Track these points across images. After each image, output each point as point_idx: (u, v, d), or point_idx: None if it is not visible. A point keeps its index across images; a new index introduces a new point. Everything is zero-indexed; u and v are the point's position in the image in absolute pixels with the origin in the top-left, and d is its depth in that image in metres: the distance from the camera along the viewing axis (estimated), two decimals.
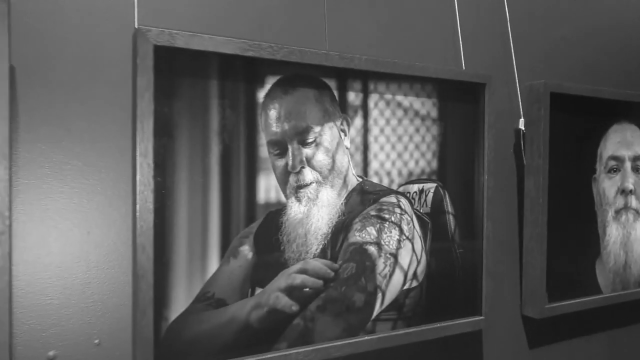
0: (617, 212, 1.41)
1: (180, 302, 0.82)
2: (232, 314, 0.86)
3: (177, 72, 0.81)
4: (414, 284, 1.05)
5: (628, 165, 1.43)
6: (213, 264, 0.85)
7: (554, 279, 1.28)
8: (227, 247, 0.86)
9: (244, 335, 0.87)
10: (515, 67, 1.30)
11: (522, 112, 1.29)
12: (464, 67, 1.20)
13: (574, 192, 1.33)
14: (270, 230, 0.90)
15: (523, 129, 1.28)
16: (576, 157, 1.33)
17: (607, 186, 1.39)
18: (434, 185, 1.09)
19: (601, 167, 1.39)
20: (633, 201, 1.43)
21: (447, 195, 1.10)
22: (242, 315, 0.87)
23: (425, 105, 1.07)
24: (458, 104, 1.12)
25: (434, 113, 1.09)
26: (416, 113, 1.06)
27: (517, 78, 1.30)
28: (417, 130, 1.06)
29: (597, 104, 1.36)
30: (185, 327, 0.82)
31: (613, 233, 1.40)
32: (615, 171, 1.40)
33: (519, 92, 1.30)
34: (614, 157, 1.41)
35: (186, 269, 0.82)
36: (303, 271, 0.92)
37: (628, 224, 1.43)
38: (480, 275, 1.13)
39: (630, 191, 1.42)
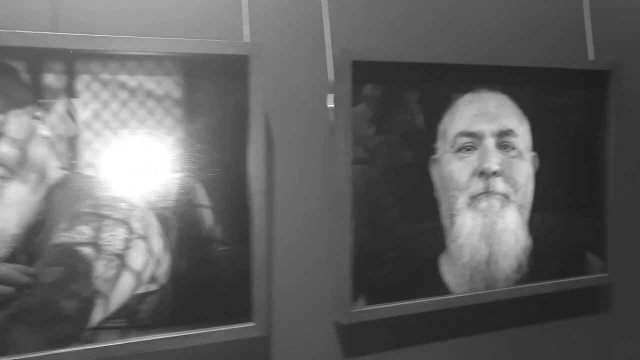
0: (473, 198, 1.19)
1: None
2: None
3: None
4: (153, 287, 0.93)
5: (490, 142, 1.19)
6: None
7: (372, 278, 1.10)
8: None
9: None
10: (329, 33, 1.11)
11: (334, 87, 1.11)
12: (248, 39, 1.04)
13: (401, 178, 1.13)
14: None
15: (332, 106, 1.10)
16: (404, 137, 1.13)
17: (455, 168, 1.17)
18: (179, 175, 0.95)
19: (445, 145, 1.17)
20: (499, 184, 1.20)
21: (200, 186, 0.96)
22: None
23: (163, 85, 0.93)
24: (217, 81, 0.96)
25: (177, 93, 0.94)
26: (149, 94, 0.92)
27: (330, 47, 1.11)
28: (151, 113, 0.93)
29: (429, 71, 1.13)
30: None
31: (467, 223, 1.19)
32: (469, 150, 1.18)
33: (330, 64, 1.11)
34: (468, 134, 1.18)
35: None
36: None
37: (491, 211, 1.20)
38: (249, 276, 0.99)
39: (495, 173, 1.19)
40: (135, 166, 0.92)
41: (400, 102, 1.12)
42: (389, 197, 1.12)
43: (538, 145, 1.25)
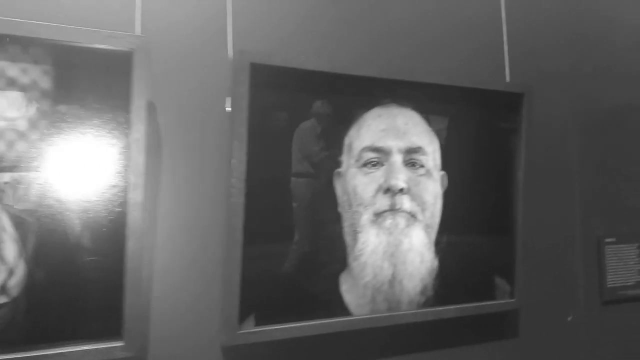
0: (378, 214, 1.15)
1: None
2: None
3: None
4: (2, 299, 0.83)
5: (397, 158, 1.16)
6: None
7: (264, 297, 1.03)
8: None
9: None
10: (231, 34, 1.06)
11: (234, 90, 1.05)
12: (139, 32, 0.97)
13: (304, 191, 1.08)
14: None
15: (229, 109, 1.04)
16: (308, 148, 1.08)
17: (360, 183, 1.13)
18: (38, 175, 0.86)
19: (351, 160, 1.13)
20: (405, 202, 1.17)
21: (69, 188, 0.87)
22: None
23: (30, 73, 0.84)
24: (95, 74, 0.88)
25: (46, 83, 0.85)
26: (11, 82, 0.83)
27: (230, 47, 1.05)
28: (13, 102, 0.84)
29: (335, 81, 1.08)
30: None
31: (371, 240, 1.14)
32: (375, 165, 1.14)
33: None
34: (374, 149, 1.14)
35: None
36: None
37: (397, 229, 1.16)
38: (121, 291, 0.90)
39: (401, 190, 1.16)
40: None
41: (302, 113, 1.07)
42: (288, 212, 1.06)
43: (448, 164, 1.23)
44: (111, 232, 0.89)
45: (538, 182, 1.41)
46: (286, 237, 1.05)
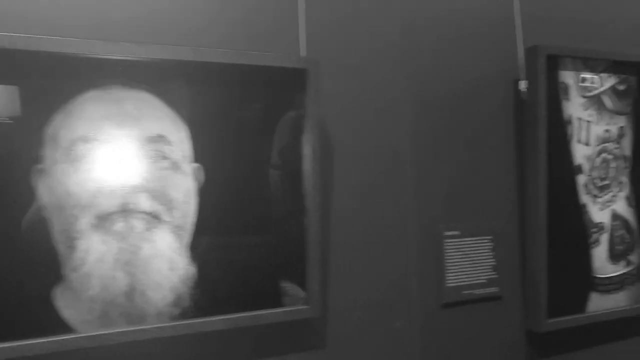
0: (103, 217, 0.97)
1: None
2: None
3: None
4: None
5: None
6: None
7: None
8: None
9: None
10: None
11: None
12: None
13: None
14: None
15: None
16: None
17: (73, 181, 0.95)
18: None
19: (57, 154, 0.95)
20: (143, 201, 0.99)
21: None
22: None
23: None
24: None
25: None
26: None
27: None
28: None
29: (19, 62, 0.90)
30: None
31: (95, 248, 0.97)
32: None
33: None
34: (93, 140, 0.97)
35: None
36: None
37: (133, 234, 0.99)
38: None
39: (134, 187, 0.99)
40: None
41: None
42: None
43: (206, 155, 1.04)
44: None
45: (358, 170, 1.22)
46: None
